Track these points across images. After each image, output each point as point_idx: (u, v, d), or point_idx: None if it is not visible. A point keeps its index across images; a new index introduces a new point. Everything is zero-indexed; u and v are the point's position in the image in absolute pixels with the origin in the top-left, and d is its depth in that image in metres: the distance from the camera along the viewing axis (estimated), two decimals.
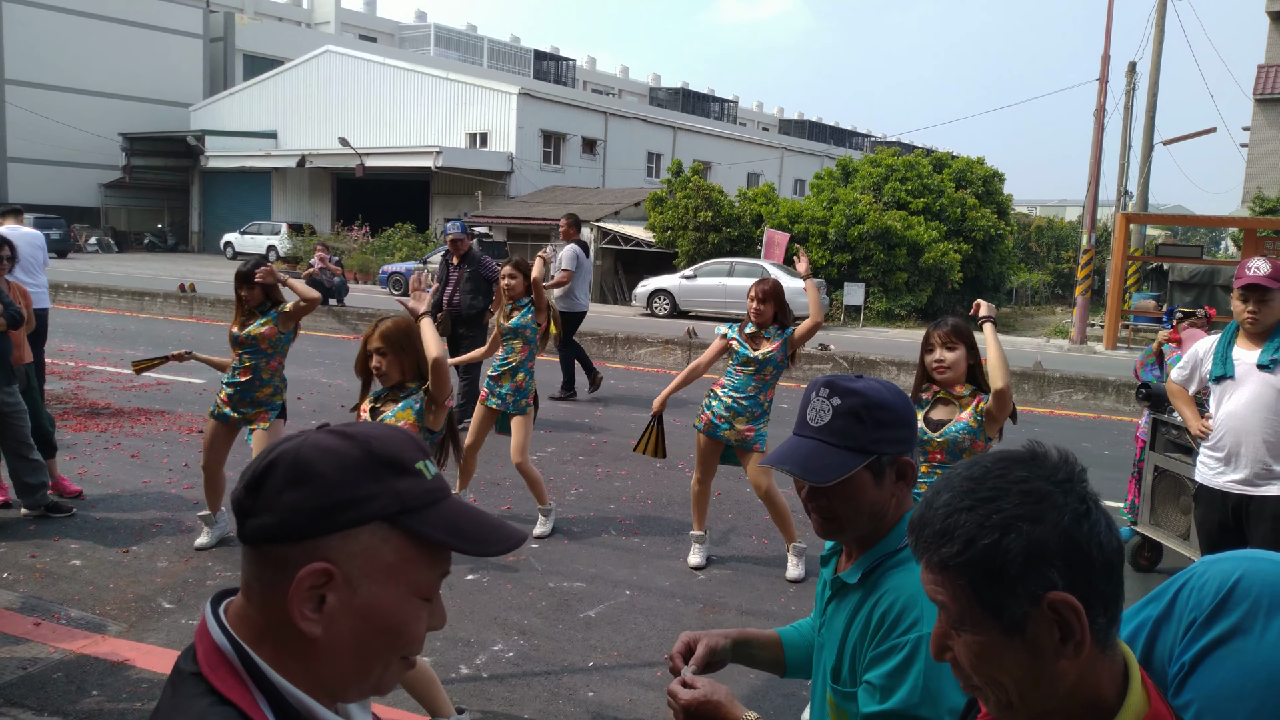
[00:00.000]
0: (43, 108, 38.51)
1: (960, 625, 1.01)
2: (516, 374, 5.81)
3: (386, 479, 0.95)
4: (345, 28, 54.88)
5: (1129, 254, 20.52)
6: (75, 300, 18.24)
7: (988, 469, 1.03)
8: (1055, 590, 0.97)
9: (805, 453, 1.52)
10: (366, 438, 0.97)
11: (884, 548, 1.56)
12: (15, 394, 5.50)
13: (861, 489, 1.52)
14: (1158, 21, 21.00)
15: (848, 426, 1.51)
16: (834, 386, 1.54)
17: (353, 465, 0.94)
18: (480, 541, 0.98)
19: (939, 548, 1.01)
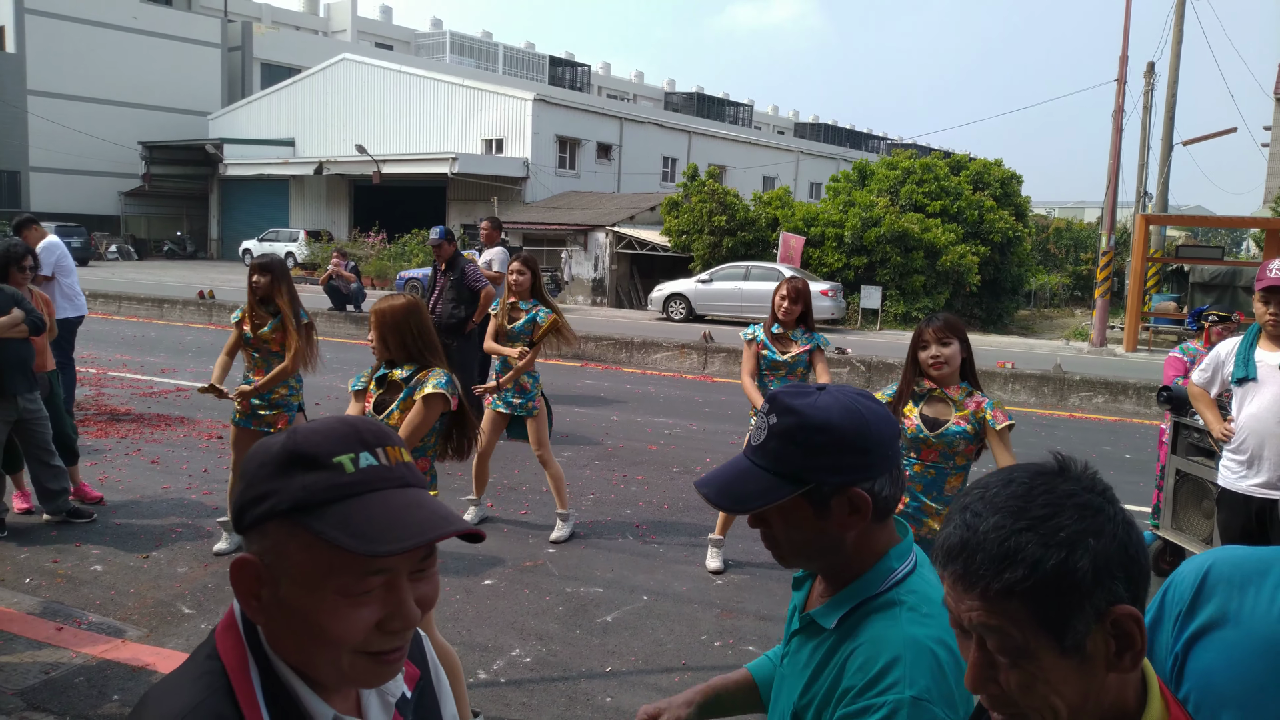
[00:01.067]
0: (63, 117, 38.95)
1: (1019, 654, 0.96)
2: (520, 377, 5.81)
3: (292, 475, 0.95)
4: (362, 36, 55.23)
5: (1149, 255, 20.36)
6: (96, 308, 18.41)
7: (1030, 485, 0.99)
8: (1120, 603, 0.95)
9: (730, 475, 1.37)
10: (295, 433, 0.99)
11: (862, 590, 1.37)
12: (38, 401, 5.55)
13: (802, 521, 1.34)
14: (1176, 21, 20.85)
15: (780, 450, 1.33)
16: (775, 402, 1.36)
17: (269, 462, 0.97)
18: (372, 539, 0.93)
19: (1000, 573, 0.95)
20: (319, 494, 0.95)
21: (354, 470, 0.97)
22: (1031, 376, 12.44)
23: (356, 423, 1.02)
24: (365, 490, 0.96)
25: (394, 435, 1.04)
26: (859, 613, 1.36)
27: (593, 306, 26.72)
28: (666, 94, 65.16)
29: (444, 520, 0.98)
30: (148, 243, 40.63)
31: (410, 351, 3.52)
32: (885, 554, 1.39)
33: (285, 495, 0.95)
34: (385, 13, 60.33)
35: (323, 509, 0.94)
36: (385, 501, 0.97)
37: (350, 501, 0.95)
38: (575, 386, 11.58)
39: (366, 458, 0.98)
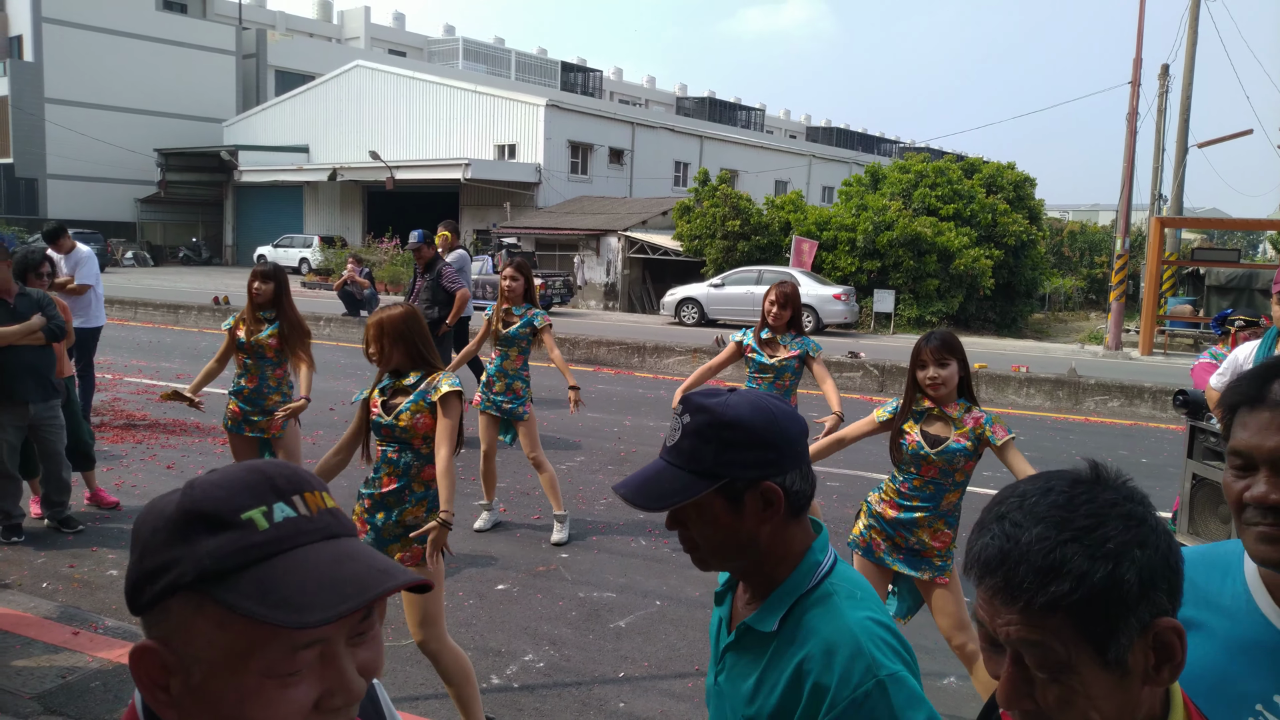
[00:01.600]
0: (80, 125, 39.30)
1: (1061, 669, 0.93)
2: (512, 381, 5.82)
3: (194, 539, 0.80)
4: (375, 43, 55.53)
5: (1164, 258, 20.24)
6: (112, 314, 18.51)
7: (1070, 494, 0.95)
8: (1164, 615, 0.93)
9: (646, 476, 1.37)
10: (192, 487, 0.83)
11: (795, 588, 1.38)
12: (54, 409, 5.58)
13: (717, 517, 1.35)
14: (1191, 23, 20.74)
15: (693, 447, 1.35)
16: (688, 403, 1.38)
17: (163, 526, 0.82)
18: (299, 608, 0.78)
19: (1045, 586, 0.91)
20: (228, 559, 0.80)
21: (268, 526, 0.82)
22: (1046, 380, 12.37)
23: (266, 469, 0.86)
24: (284, 548, 0.82)
25: (312, 478, 0.88)
26: (797, 610, 1.37)
27: (605, 311, 26.75)
28: (678, 99, 65.25)
29: (382, 574, 0.83)
30: (163, 249, 40.93)
31: (415, 359, 3.50)
32: (808, 549, 1.41)
33: (188, 564, 0.79)
34: (398, 19, 60.63)
35: (234, 577, 0.79)
36: (309, 559, 0.82)
37: (267, 564, 0.80)
38: (587, 391, 11.58)
39: (282, 509, 0.83)
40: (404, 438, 3.39)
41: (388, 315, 3.49)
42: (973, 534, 1.00)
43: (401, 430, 3.38)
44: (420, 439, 3.41)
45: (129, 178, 41.22)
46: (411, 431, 3.39)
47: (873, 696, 1.25)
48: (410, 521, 3.39)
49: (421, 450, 3.43)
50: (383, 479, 3.41)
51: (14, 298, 5.38)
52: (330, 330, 16.67)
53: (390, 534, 3.39)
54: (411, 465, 3.41)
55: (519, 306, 5.89)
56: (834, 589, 1.38)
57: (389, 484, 3.40)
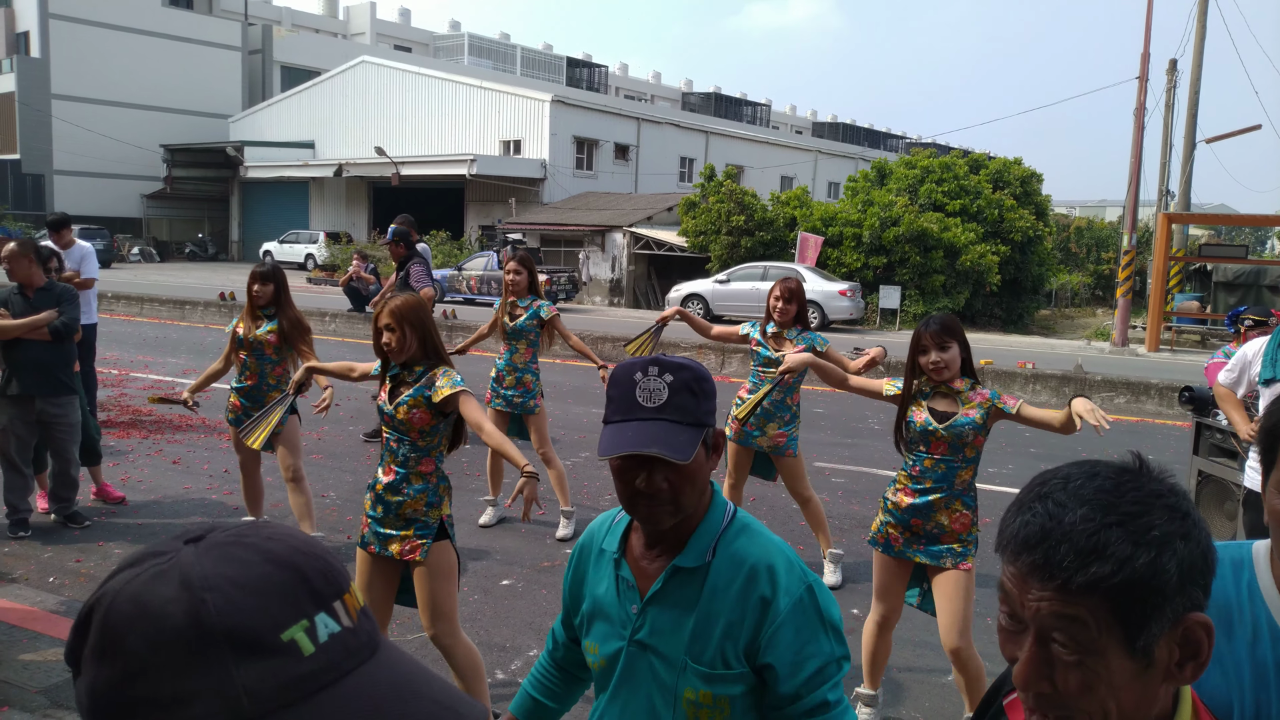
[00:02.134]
0: (87, 121, 39.38)
1: (1088, 650, 0.92)
2: (522, 375, 5.82)
3: (222, 667, 0.60)
4: (381, 38, 55.53)
5: (1171, 255, 20.18)
6: (118, 309, 18.59)
7: (1117, 480, 0.95)
8: (1197, 611, 0.93)
9: (658, 434, 1.44)
10: (202, 590, 0.61)
11: (715, 523, 1.55)
12: (62, 405, 5.60)
13: (699, 465, 1.49)
14: (1199, 18, 20.65)
15: (684, 402, 1.47)
16: (662, 364, 1.49)
17: (171, 642, 0.60)
18: None
19: (1086, 567, 0.90)
20: (271, 699, 0.60)
21: (314, 649, 0.63)
22: (1052, 377, 12.34)
23: (297, 561, 0.66)
24: (335, 678, 0.63)
25: (344, 574, 0.69)
26: (722, 542, 1.54)
27: (610, 307, 26.74)
28: (684, 94, 65.16)
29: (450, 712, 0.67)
30: (169, 245, 41.03)
31: (427, 349, 3.45)
32: (715, 490, 1.59)
33: (215, 705, 0.59)
34: (404, 15, 60.63)
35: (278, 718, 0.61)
36: (365, 693, 0.64)
37: (316, 700, 0.62)
38: (592, 387, 11.58)
39: (325, 623, 0.64)
40: (402, 429, 3.38)
41: (405, 302, 3.43)
42: (1010, 512, 0.99)
43: (399, 422, 3.37)
44: (417, 432, 3.37)
45: (135, 174, 41.31)
46: (408, 424, 3.36)
47: (804, 599, 1.49)
48: (409, 514, 3.37)
49: (419, 443, 3.39)
50: (385, 466, 3.42)
51: (34, 292, 5.40)
52: (336, 326, 16.70)
53: (391, 527, 3.37)
54: (409, 457, 3.39)
55: (524, 299, 5.88)
56: (747, 520, 1.59)
57: (388, 474, 3.39)
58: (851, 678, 3.83)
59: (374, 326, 3.44)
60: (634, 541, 1.62)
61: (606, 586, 1.63)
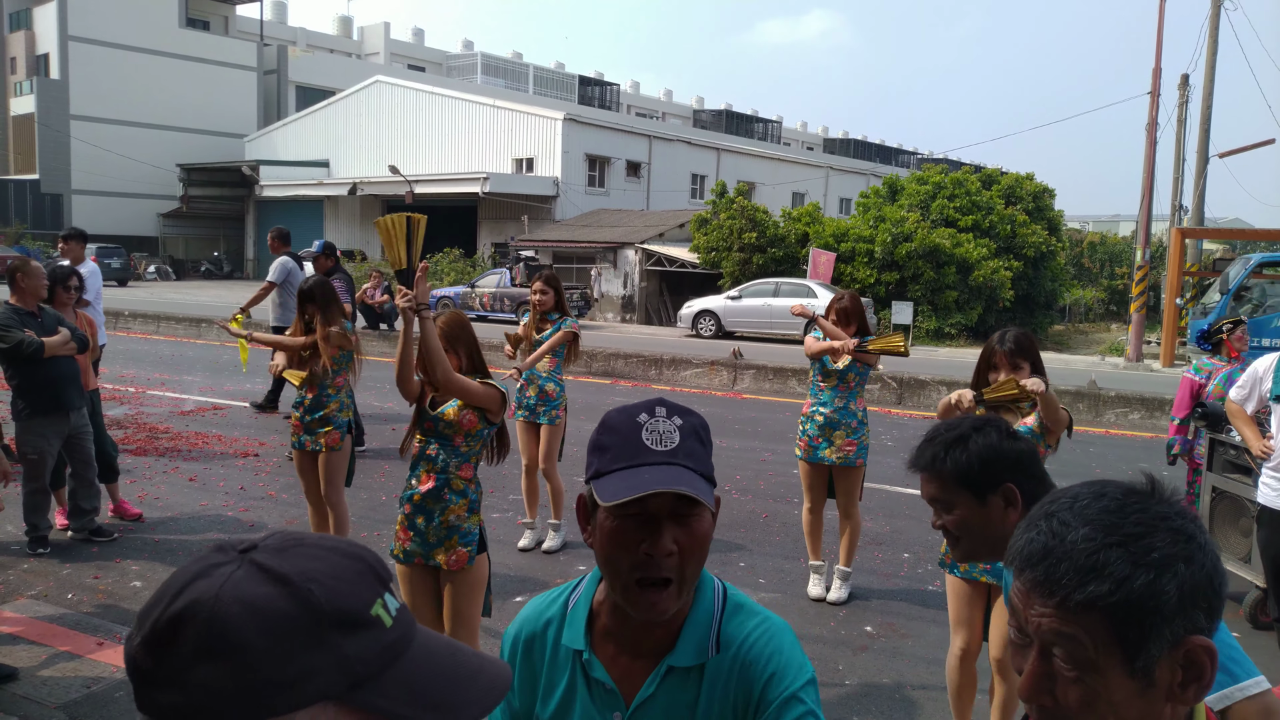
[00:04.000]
0: (105, 141, 39.85)
1: (1086, 668, 0.94)
2: (544, 384, 5.85)
3: (333, 643, 0.72)
4: (394, 58, 56.02)
5: (1185, 269, 20.09)
6: (135, 327, 18.75)
7: (1123, 501, 0.96)
8: (1199, 634, 0.93)
9: (679, 477, 1.23)
10: (305, 582, 0.73)
11: (707, 608, 1.32)
12: (85, 417, 5.70)
13: (709, 528, 1.28)
14: (1211, 32, 20.64)
15: (695, 449, 1.28)
16: (669, 406, 1.31)
17: (289, 629, 0.70)
18: (453, 709, 0.77)
19: (1084, 585, 0.92)
20: (374, 662, 0.74)
21: (392, 621, 0.77)
22: (1066, 393, 12.30)
23: (363, 554, 0.80)
24: (407, 645, 0.78)
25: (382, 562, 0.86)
26: (722, 631, 1.32)
27: (622, 324, 26.79)
28: (695, 111, 65.40)
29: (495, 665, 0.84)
30: (185, 263, 41.38)
31: (474, 361, 3.55)
32: None
33: (334, 673, 0.71)
34: (418, 35, 61.17)
35: (379, 681, 0.74)
36: (428, 652, 0.80)
37: (400, 662, 0.76)
38: (605, 404, 11.62)
39: (391, 600, 0.79)
40: (447, 433, 3.40)
41: (451, 318, 3.54)
42: (1019, 528, 1.02)
43: (446, 425, 3.39)
44: (463, 436, 3.42)
45: (152, 193, 41.74)
46: (456, 427, 3.40)
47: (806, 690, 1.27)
48: (453, 521, 3.40)
49: (460, 448, 3.43)
50: (421, 475, 3.43)
51: (40, 311, 5.51)
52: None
53: (435, 537, 3.39)
54: (449, 462, 3.42)
55: (553, 313, 5.96)
56: (740, 597, 1.37)
57: (426, 481, 3.40)
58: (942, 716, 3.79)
59: None
60: (602, 632, 1.35)
61: (571, 694, 1.35)
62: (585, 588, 1.40)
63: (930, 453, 1.81)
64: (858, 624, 4.92)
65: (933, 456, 1.81)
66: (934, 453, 1.81)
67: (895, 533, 6.58)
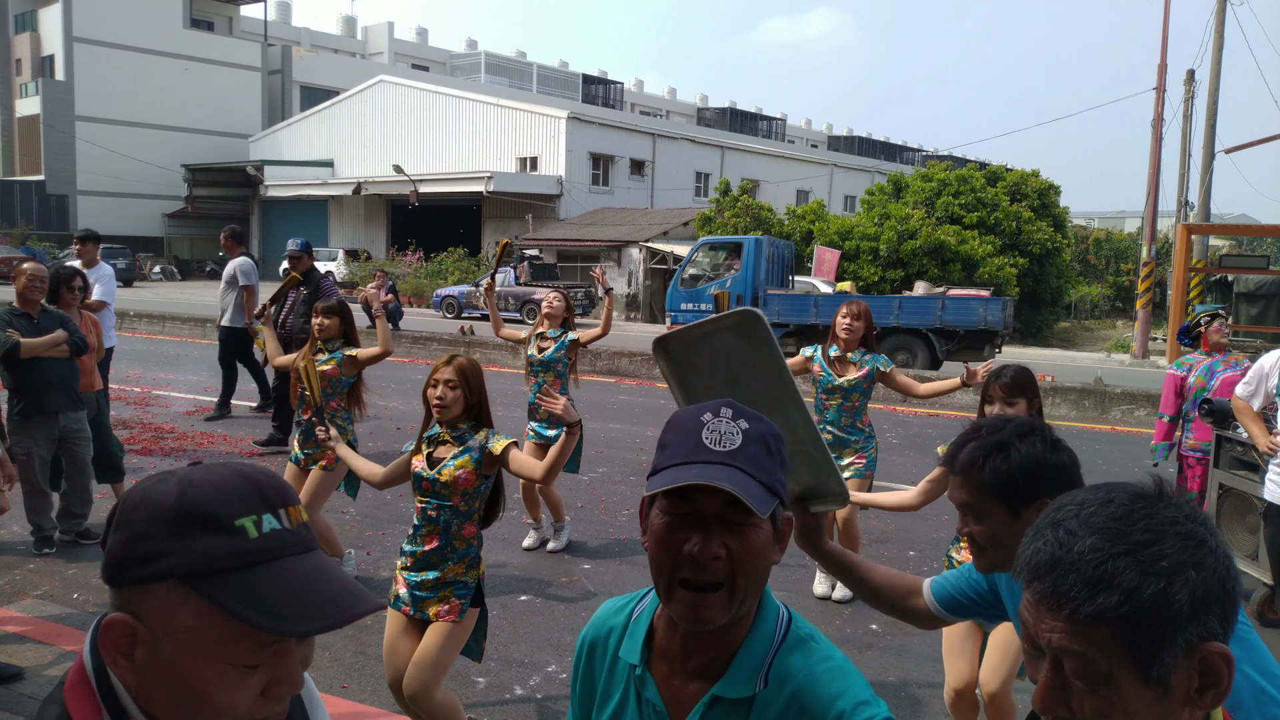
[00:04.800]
0: (109, 142, 39.96)
1: (1100, 681, 0.92)
2: None
3: (189, 536, 0.88)
4: (398, 58, 56.09)
5: (1191, 266, 20.01)
6: (140, 328, 18.79)
7: (1130, 507, 0.94)
8: (1213, 640, 0.92)
9: (731, 477, 1.15)
10: (187, 486, 0.91)
11: (767, 637, 1.24)
12: (82, 420, 5.68)
13: (768, 543, 1.20)
14: (1217, 27, 20.57)
15: (759, 455, 1.19)
16: (736, 408, 1.23)
17: (160, 517, 0.89)
18: (282, 617, 0.87)
19: (1094, 597, 0.90)
20: (220, 561, 0.88)
21: (257, 535, 0.90)
22: (1072, 390, 12.27)
23: (258, 478, 0.94)
24: (269, 558, 0.90)
25: (292, 493, 0.97)
26: (776, 663, 1.23)
27: (627, 322, 26.79)
28: (699, 109, 65.38)
29: (354, 598, 0.93)
30: (190, 263, 41.47)
31: (477, 411, 3.38)
32: (766, 592, 1.26)
33: (182, 559, 0.87)
34: (421, 34, 61.23)
35: (222, 577, 0.87)
36: (291, 571, 0.90)
37: (254, 570, 0.89)
38: (609, 402, 11.62)
39: (270, 520, 0.91)
40: (444, 494, 3.25)
41: (470, 364, 3.35)
42: (1026, 538, 0.99)
43: (442, 486, 3.24)
44: (460, 495, 3.26)
45: (157, 193, 41.84)
46: (452, 488, 3.24)
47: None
48: (450, 578, 3.27)
49: (460, 508, 3.28)
50: (423, 536, 3.28)
51: (39, 314, 5.50)
52: None
53: (427, 589, 3.26)
54: (451, 523, 3.27)
55: (555, 329, 5.92)
56: (807, 631, 1.28)
57: (430, 542, 3.27)
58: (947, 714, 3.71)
59: (430, 378, 3.34)
60: (660, 649, 1.29)
61: (623, 708, 1.31)
62: (651, 599, 1.35)
63: (968, 456, 1.68)
64: (863, 622, 4.91)
65: (970, 461, 1.68)
66: (972, 457, 1.68)
67: (901, 530, 6.57)
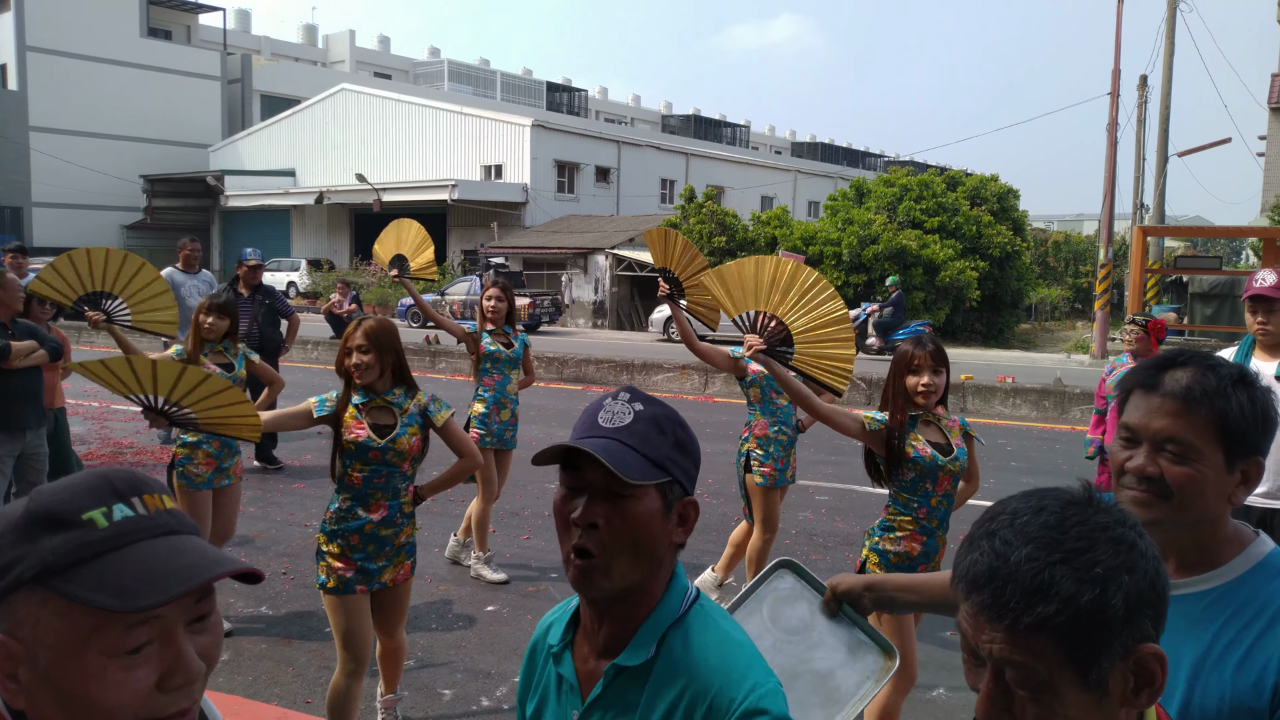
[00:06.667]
0: (65, 152, 39.24)
1: (1041, 689, 0.93)
2: (515, 407, 5.64)
3: (37, 538, 0.88)
4: (360, 66, 55.69)
5: (1147, 267, 20.39)
6: (99, 342, 18.46)
7: (1062, 515, 0.96)
8: (1147, 641, 0.94)
9: (604, 447, 1.22)
10: (35, 494, 0.91)
11: (668, 614, 1.29)
12: (43, 438, 5.56)
13: (651, 517, 1.24)
14: (1167, 34, 21.00)
15: (647, 433, 1.25)
16: (634, 393, 1.31)
17: (9, 529, 0.89)
18: (135, 594, 0.86)
19: (1032, 607, 0.91)
20: (68, 555, 0.87)
21: (107, 525, 0.89)
22: (1032, 391, 12.44)
23: (108, 473, 0.94)
24: (122, 544, 0.89)
25: (153, 482, 0.96)
26: (673, 634, 1.28)
27: (594, 329, 26.78)
28: (664, 116, 65.56)
29: (212, 563, 0.91)
30: None
31: (398, 373, 3.40)
32: (677, 573, 1.33)
33: (31, 561, 0.87)
34: (383, 43, 60.86)
35: (74, 571, 0.86)
36: (145, 553, 0.89)
37: (105, 558, 0.88)
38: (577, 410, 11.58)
39: (122, 509, 0.91)
40: (394, 461, 3.28)
41: (381, 325, 3.34)
42: (961, 548, 1.00)
43: (397, 453, 3.28)
44: (409, 462, 3.32)
45: (115, 204, 41.15)
46: (405, 454, 3.29)
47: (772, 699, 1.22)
48: (403, 542, 3.37)
49: (408, 472, 3.36)
50: (370, 505, 3.28)
51: (11, 322, 5.38)
52: (318, 353, 16.65)
53: (383, 559, 3.31)
54: (399, 488, 3.34)
55: (509, 327, 5.69)
56: (708, 608, 1.33)
57: (378, 510, 3.28)
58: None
59: (342, 348, 3.35)
60: (580, 631, 1.37)
61: (547, 689, 1.38)
62: None
63: (1197, 383, 1.34)
64: None
65: (1201, 389, 1.34)
66: (1204, 385, 1.34)
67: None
